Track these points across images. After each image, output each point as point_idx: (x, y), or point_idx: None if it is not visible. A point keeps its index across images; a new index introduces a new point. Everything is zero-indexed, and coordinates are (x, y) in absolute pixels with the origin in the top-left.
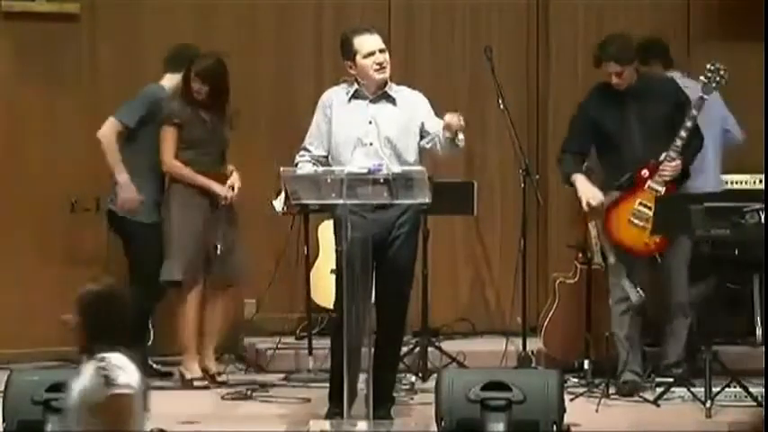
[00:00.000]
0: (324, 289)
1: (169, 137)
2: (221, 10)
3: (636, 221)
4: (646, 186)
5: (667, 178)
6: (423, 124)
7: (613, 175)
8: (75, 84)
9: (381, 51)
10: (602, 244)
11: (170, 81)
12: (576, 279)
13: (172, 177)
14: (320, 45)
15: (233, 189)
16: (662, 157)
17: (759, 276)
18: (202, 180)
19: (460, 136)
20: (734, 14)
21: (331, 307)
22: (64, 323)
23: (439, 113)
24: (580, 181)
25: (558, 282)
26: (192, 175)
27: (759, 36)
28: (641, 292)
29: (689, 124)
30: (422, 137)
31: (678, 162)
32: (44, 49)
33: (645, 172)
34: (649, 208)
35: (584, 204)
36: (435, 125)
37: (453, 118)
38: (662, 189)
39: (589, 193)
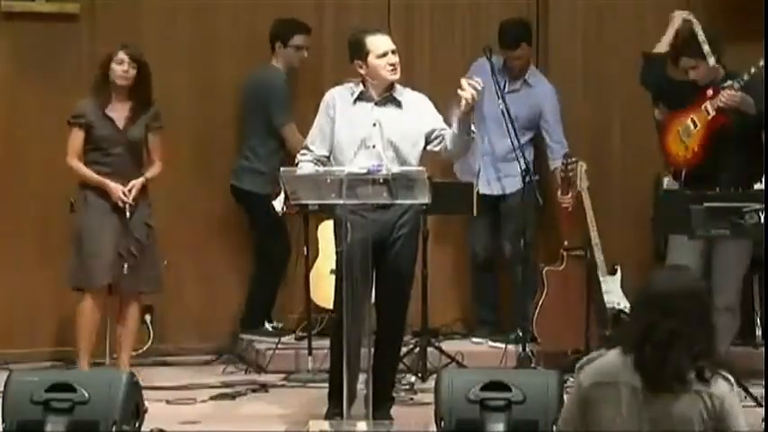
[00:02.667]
0: (323, 289)
1: (73, 138)
2: (221, 10)
3: (682, 135)
4: (702, 106)
5: (721, 105)
6: (430, 132)
7: None
8: (75, 84)
9: (393, 52)
10: None
11: (277, 59)
12: (562, 267)
13: (79, 182)
14: (321, 45)
15: (130, 192)
16: (725, 84)
17: (759, 276)
18: (97, 179)
19: (473, 127)
20: (734, 14)
21: (330, 307)
22: None
23: (439, 114)
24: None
25: (545, 270)
26: (87, 174)
27: (759, 36)
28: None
29: (761, 63)
30: (428, 142)
31: (738, 94)
32: (44, 49)
33: (709, 92)
34: (695, 126)
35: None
36: (442, 126)
37: (468, 88)
38: (712, 113)
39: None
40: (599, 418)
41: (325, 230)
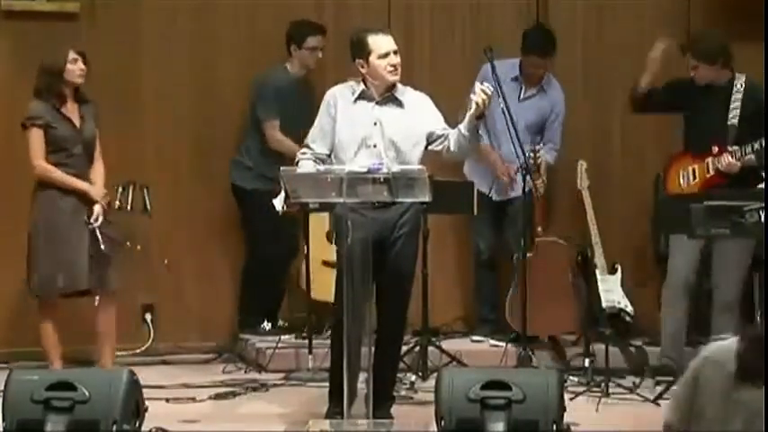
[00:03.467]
0: (318, 282)
1: (36, 139)
2: (221, 10)
3: (681, 180)
4: (705, 159)
5: (720, 168)
6: (432, 132)
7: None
8: None
9: (395, 53)
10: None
11: (292, 62)
12: (531, 254)
13: (40, 183)
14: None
15: (102, 210)
16: (730, 148)
17: (759, 276)
18: (78, 184)
19: (480, 131)
20: (734, 14)
21: (324, 299)
22: None
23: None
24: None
25: (515, 258)
26: (63, 178)
27: (759, 36)
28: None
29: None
30: (429, 142)
31: (737, 164)
32: (44, 48)
33: (714, 148)
34: (694, 178)
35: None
36: (443, 126)
37: (480, 93)
38: (712, 172)
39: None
40: (701, 391)
41: (316, 223)
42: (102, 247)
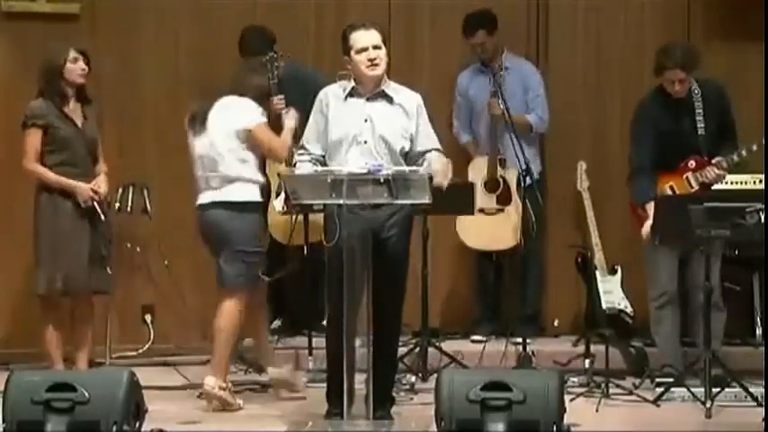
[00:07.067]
0: (279, 227)
1: (31, 140)
2: (221, 10)
3: None
4: (684, 176)
5: (706, 181)
6: (412, 134)
7: (659, 163)
8: None
9: (375, 47)
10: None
11: None
12: None
13: (39, 185)
14: (322, 44)
15: (96, 193)
16: (714, 160)
17: (759, 276)
18: (65, 181)
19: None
20: (734, 14)
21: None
22: None
23: (439, 113)
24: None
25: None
26: (52, 177)
27: (759, 36)
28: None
29: (754, 147)
30: (409, 158)
31: (725, 175)
32: (44, 49)
33: (692, 163)
34: (675, 194)
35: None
36: (424, 142)
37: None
38: (696, 186)
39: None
40: None
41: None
42: (103, 218)
